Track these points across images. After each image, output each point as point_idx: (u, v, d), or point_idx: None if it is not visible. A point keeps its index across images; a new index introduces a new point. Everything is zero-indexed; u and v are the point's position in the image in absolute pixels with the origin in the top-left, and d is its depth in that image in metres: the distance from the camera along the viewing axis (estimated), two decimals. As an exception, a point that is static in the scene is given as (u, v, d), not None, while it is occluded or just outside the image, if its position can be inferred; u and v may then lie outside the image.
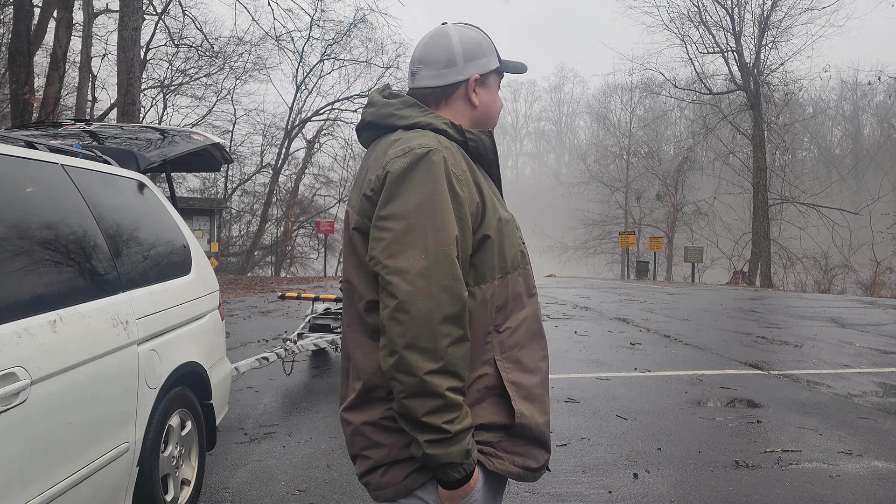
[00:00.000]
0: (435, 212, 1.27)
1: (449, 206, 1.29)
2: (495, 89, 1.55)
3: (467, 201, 1.33)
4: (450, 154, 1.35)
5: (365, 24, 24.94)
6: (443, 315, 1.23)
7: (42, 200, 2.36)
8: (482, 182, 1.41)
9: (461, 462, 1.25)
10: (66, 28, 11.95)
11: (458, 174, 1.34)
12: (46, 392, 1.99)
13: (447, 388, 1.23)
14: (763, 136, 23.62)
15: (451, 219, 1.28)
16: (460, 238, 1.29)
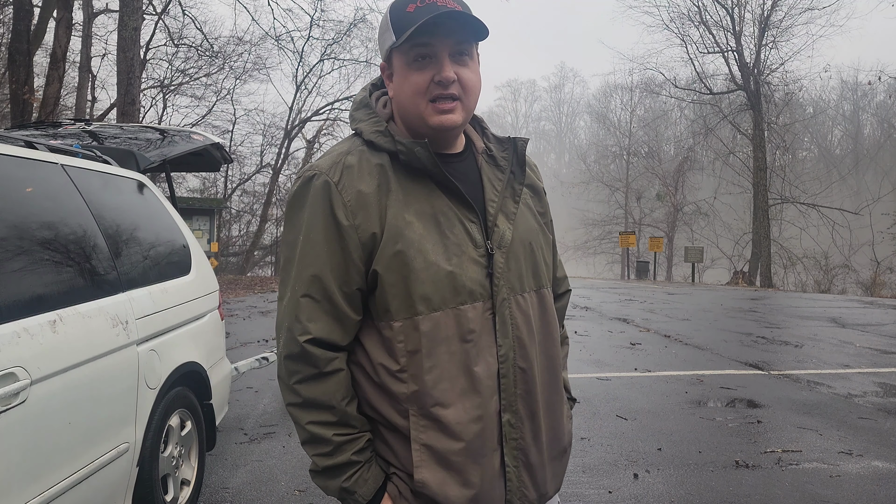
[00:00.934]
0: (302, 246, 1.21)
1: (318, 240, 1.19)
2: (403, 71, 1.20)
3: (356, 230, 1.17)
4: (348, 174, 1.19)
5: (365, 24, 24.91)
6: (285, 353, 1.21)
7: (42, 200, 2.36)
8: (394, 206, 1.19)
9: (342, 497, 1.21)
10: (65, 28, 11.94)
11: (347, 200, 1.18)
12: (46, 392, 1.99)
13: (307, 422, 1.20)
14: (763, 135, 23.62)
15: (318, 254, 1.19)
16: (338, 272, 1.19)
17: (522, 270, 1.27)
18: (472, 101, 1.22)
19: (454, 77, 1.17)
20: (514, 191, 1.30)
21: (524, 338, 1.24)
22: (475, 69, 1.22)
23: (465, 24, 1.16)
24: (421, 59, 1.17)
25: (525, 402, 1.24)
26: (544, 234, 1.37)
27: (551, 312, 1.33)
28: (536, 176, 1.40)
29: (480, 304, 1.21)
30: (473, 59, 1.21)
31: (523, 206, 1.32)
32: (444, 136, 1.24)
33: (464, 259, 1.20)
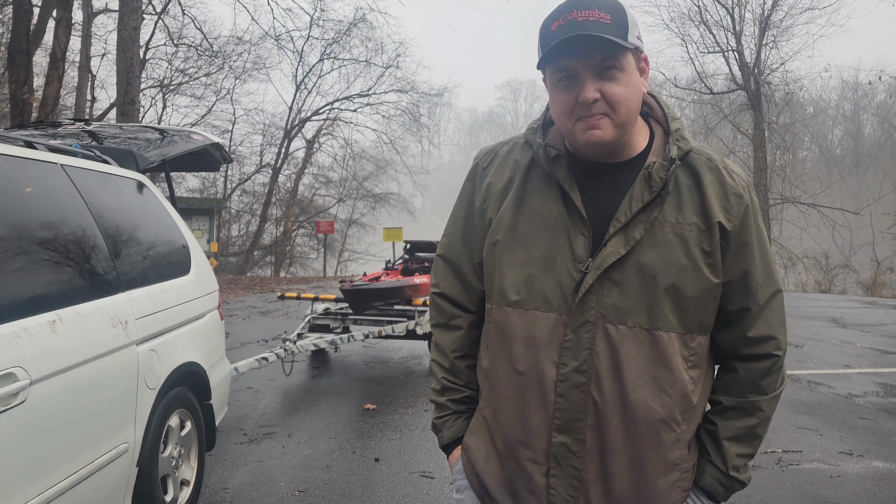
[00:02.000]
0: (451, 214, 1.43)
1: (459, 214, 1.40)
2: (551, 89, 1.21)
3: (484, 213, 1.32)
4: (494, 163, 1.33)
5: (365, 24, 24.92)
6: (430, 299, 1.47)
7: (41, 200, 2.35)
8: (511, 201, 1.27)
9: (433, 429, 1.44)
10: (65, 27, 11.94)
11: (485, 185, 1.32)
12: (46, 392, 1.99)
13: (432, 359, 1.44)
14: (763, 135, 23.61)
15: (456, 225, 1.40)
16: (467, 244, 1.38)
17: (630, 302, 1.17)
18: (623, 114, 1.16)
19: (595, 97, 1.13)
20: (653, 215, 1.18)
21: (601, 369, 1.18)
22: (626, 80, 1.15)
23: (602, 43, 1.11)
24: (565, 80, 1.16)
25: (597, 436, 1.19)
26: (696, 275, 1.18)
27: (666, 358, 1.18)
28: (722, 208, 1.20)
29: (554, 316, 1.20)
30: (625, 69, 1.15)
31: (673, 236, 1.18)
32: (598, 151, 1.20)
33: (554, 268, 1.21)
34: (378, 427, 4.56)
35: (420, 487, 3.51)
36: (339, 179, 29.57)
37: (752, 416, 1.25)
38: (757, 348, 1.24)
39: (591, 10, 1.12)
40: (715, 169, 1.22)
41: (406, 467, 3.80)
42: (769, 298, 1.24)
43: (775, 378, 1.26)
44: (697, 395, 1.23)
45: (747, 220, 1.21)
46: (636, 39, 1.16)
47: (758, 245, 1.23)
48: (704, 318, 1.21)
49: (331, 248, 27.15)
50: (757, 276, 1.22)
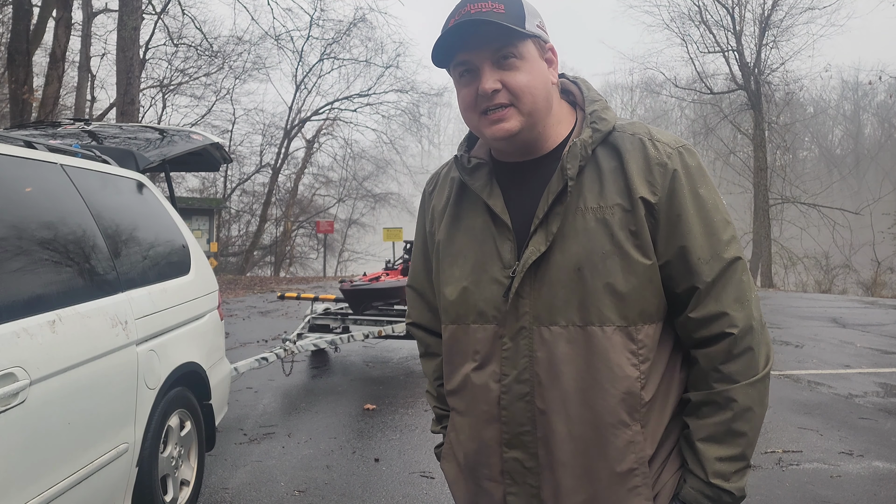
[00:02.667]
0: (412, 245, 1.45)
1: (418, 243, 1.40)
2: (456, 86, 1.16)
3: (433, 237, 1.31)
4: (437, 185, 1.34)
5: (365, 24, 24.97)
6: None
7: (41, 200, 2.35)
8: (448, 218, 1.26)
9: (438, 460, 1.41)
10: (65, 27, 11.94)
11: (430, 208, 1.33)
12: (45, 392, 1.99)
13: (426, 390, 1.48)
14: (764, 135, 23.61)
15: (416, 254, 1.40)
16: (427, 271, 1.37)
17: (558, 299, 1.10)
18: (529, 103, 1.10)
19: (495, 87, 1.08)
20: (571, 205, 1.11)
21: (543, 376, 1.11)
22: (528, 68, 1.10)
23: (495, 31, 1.07)
24: (466, 74, 1.12)
25: (546, 449, 1.13)
26: (623, 259, 1.09)
27: (604, 355, 1.09)
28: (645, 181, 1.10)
29: (491, 328, 1.16)
30: (524, 57, 1.09)
31: (595, 223, 1.10)
32: (509, 146, 1.16)
33: (483, 278, 1.17)
34: (378, 427, 4.55)
35: (420, 487, 3.51)
36: (339, 179, 29.59)
37: (725, 410, 1.10)
38: (706, 329, 1.11)
39: (484, 1, 1.08)
40: (637, 142, 1.13)
41: (406, 467, 3.80)
42: (720, 273, 1.10)
43: (744, 362, 1.10)
44: (651, 391, 1.11)
45: (676, 189, 1.10)
46: (536, 28, 1.11)
47: (696, 215, 1.10)
48: (645, 305, 1.10)
49: (331, 248, 27.14)
50: (697, 251, 1.10)
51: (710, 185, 1.13)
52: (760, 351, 1.11)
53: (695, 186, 1.11)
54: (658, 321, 1.12)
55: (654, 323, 1.12)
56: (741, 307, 1.10)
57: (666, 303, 1.13)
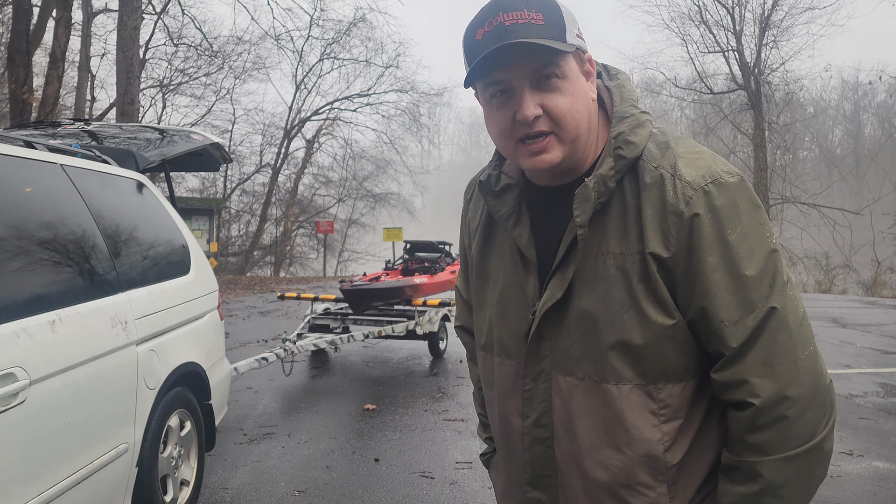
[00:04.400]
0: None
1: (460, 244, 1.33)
2: (485, 106, 1.03)
3: (467, 249, 1.27)
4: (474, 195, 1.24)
5: (364, 24, 24.94)
6: None
7: (41, 200, 2.35)
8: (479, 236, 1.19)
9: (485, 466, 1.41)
10: (65, 27, 11.94)
11: (465, 217, 1.28)
12: (45, 392, 1.99)
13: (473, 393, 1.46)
14: (764, 135, 23.61)
15: (460, 255, 1.34)
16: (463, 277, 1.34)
17: (574, 349, 1.01)
18: (571, 130, 0.97)
19: (536, 113, 0.95)
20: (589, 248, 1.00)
21: (558, 426, 1.04)
22: (570, 89, 0.96)
23: (536, 49, 0.92)
24: (499, 95, 0.98)
25: (565, 497, 1.07)
26: (641, 317, 0.96)
27: (620, 415, 0.99)
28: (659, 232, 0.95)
29: (514, 364, 1.08)
30: (567, 77, 0.96)
31: (615, 270, 0.98)
32: (547, 175, 1.04)
33: (508, 310, 1.09)
34: (378, 427, 4.55)
35: (420, 487, 3.51)
36: (339, 179, 29.58)
37: (752, 482, 0.96)
38: (728, 394, 0.97)
39: (519, 10, 0.93)
40: (657, 178, 0.96)
41: (406, 467, 3.79)
42: (750, 336, 0.93)
43: (773, 434, 0.94)
44: (679, 453, 1.00)
45: (694, 241, 0.93)
46: (576, 38, 0.97)
47: (720, 269, 0.93)
48: (666, 363, 0.97)
49: (331, 248, 27.13)
50: (721, 313, 0.94)
51: (746, 225, 0.94)
52: (804, 420, 0.93)
53: (722, 233, 0.93)
54: (687, 379, 0.99)
55: (682, 382, 0.99)
56: (768, 372, 0.93)
57: (697, 360, 0.99)
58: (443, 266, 7.90)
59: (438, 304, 6.75)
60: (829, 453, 0.95)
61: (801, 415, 0.93)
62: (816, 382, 0.94)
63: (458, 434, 4.41)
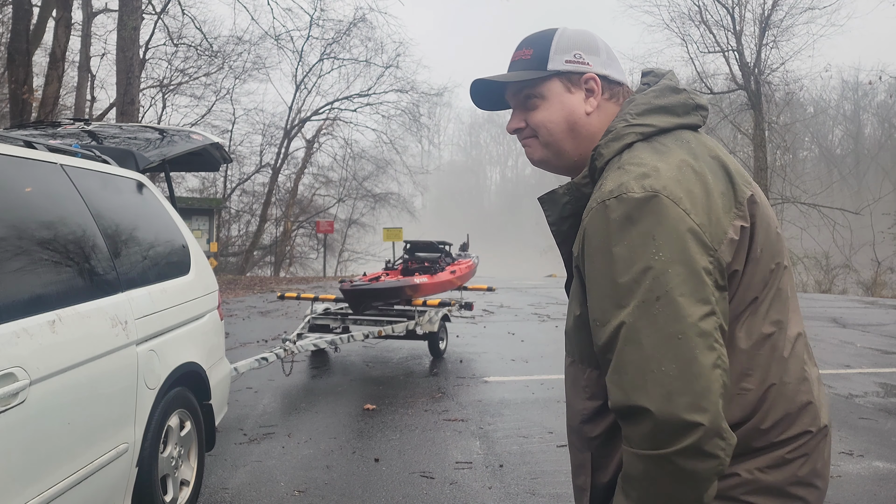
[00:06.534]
0: None
1: None
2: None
3: None
4: None
5: (364, 24, 24.93)
6: None
7: (41, 200, 2.35)
8: None
9: None
10: (65, 27, 11.94)
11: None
12: (45, 392, 1.99)
13: None
14: (764, 135, 23.61)
15: None
16: None
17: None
18: (545, 135, 1.20)
19: (518, 125, 1.24)
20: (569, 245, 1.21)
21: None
22: (548, 106, 1.19)
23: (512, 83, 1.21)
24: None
25: None
26: (571, 305, 1.18)
27: (567, 380, 1.21)
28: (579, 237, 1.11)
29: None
30: (545, 97, 1.19)
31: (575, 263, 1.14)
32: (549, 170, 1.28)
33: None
34: (378, 427, 4.55)
35: (420, 487, 3.51)
36: (339, 179, 29.58)
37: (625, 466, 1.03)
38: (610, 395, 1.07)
39: (522, 49, 1.22)
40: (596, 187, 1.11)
41: (406, 467, 3.79)
42: (607, 340, 1.01)
43: (626, 429, 1.01)
44: (597, 429, 1.12)
45: (586, 246, 1.06)
46: (564, 64, 1.17)
47: (601, 274, 1.02)
48: (585, 349, 1.12)
49: (331, 248, 27.13)
50: (594, 313, 1.04)
51: (633, 238, 1.00)
52: (649, 429, 0.96)
53: (608, 243, 1.01)
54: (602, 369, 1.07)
55: (598, 370, 1.11)
56: (616, 380, 1.00)
57: None
58: (443, 266, 7.90)
59: (438, 304, 6.75)
60: (688, 472, 0.95)
61: (647, 424, 0.96)
62: (670, 401, 0.94)
63: (458, 434, 4.41)
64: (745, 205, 1.07)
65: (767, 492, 1.05)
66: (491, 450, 4.10)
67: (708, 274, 0.99)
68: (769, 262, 1.08)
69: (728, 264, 1.02)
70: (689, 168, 1.06)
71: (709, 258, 1.00)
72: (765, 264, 1.07)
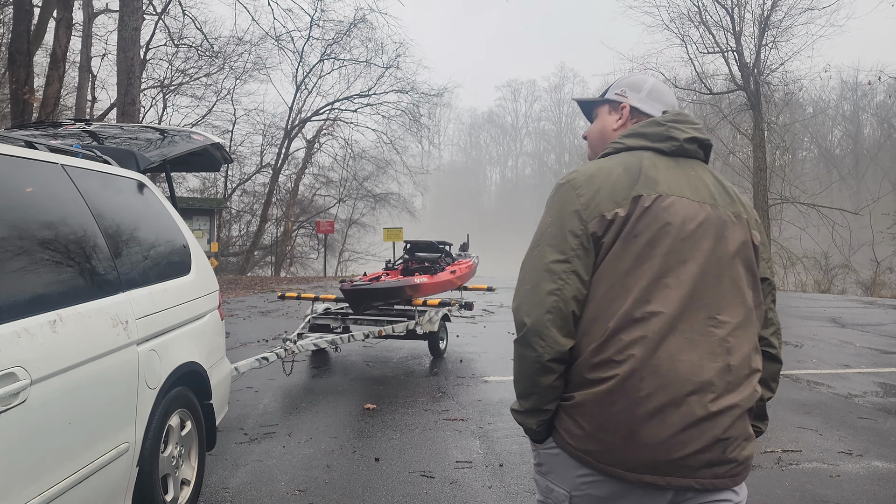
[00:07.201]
0: None
1: None
2: None
3: None
4: None
5: (365, 24, 24.90)
6: None
7: (42, 200, 2.35)
8: None
9: None
10: (65, 28, 11.95)
11: None
12: (46, 392, 1.99)
13: None
14: (763, 135, 23.61)
15: None
16: None
17: None
18: (591, 140, 1.76)
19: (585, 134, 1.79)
20: None
21: None
22: (596, 122, 1.74)
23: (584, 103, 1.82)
24: None
25: None
26: None
27: None
28: None
29: None
30: (598, 115, 1.74)
31: None
32: None
33: None
34: (378, 427, 4.56)
35: (420, 487, 3.51)
36: (340, 179, 29.57)
37: None
38: None
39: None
40: None
41: (406, 467, 3.80)
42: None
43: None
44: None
45: None
46: (615, 95, 1.70)
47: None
48: None
49: (331, 248, 27.13)
50: None
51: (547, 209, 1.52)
52: (517, 323, 1.46)
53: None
54: None
55: None
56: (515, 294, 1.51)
57: None
58: (443, 266, 7.90)
59: (438, 304, 6.76)
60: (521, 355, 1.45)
61: (515, 319, 1.46)
62: (518, 308, 1.45)
63: (458, 434, 4.42)
64: (630, 201, 1.42)
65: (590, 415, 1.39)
66: (491, 449, 4.10)
67: (574, 236, 1.42)
68: (650, 248, 1.40)
69: (594, 233, 1.42)
70: (605, 170, 1.48)
71: (580, 226, 1.42)
72: (639, 246, 1.40)
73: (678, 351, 1.35)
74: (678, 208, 1.42)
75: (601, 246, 1.41)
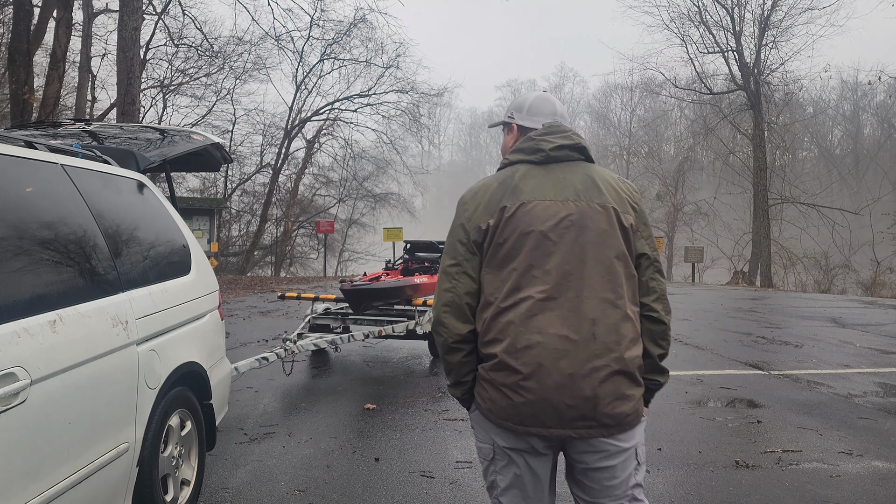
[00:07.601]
0: None
1: None
2: None
3: None
4: None
5: (365, 24, 24.88)
6: None
7: (41, 200, 2.35)
8: None
9: None
10: (65, 28, 11.95)
11: None
12: (46, 392, 1.99)
13: None
14: (763, 135, 23.63)
15: None
16: None
17: None
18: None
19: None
20: None
21: None
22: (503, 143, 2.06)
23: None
24: None
25: None
26: None
27: None
28: None
29: None
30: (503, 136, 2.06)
31: None
32: None
33: None
34: (378, 427, 4.56)
35: (420, 487, 3.51)
36: (340, 179, 29.55)
37: None
38: None
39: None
40: None
41: (406, 467, 3.80)
42: None
43: None
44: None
45: None
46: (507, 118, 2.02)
47: None
48: None
49: (331, 248, 27.12)
50: None
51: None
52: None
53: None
54: None
55: None
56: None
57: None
58: (443, 266, 7.89)
59: None
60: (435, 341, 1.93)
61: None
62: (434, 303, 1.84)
63: (458, 433, 4.42)
64: (497, 211, 1.76)
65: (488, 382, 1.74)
66: (491, 449, 4.10)
67: (462, 244, 1.80)
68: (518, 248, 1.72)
69: (475, 240, 1.78)
70: (486, 187, 1.84)
71: (465, 235, 1.80)
72: (507, 248, 1.73)
73: (547, 326, 1.66)
74: (539, 211, 1.73)
75: (482, 250, 1.77)
